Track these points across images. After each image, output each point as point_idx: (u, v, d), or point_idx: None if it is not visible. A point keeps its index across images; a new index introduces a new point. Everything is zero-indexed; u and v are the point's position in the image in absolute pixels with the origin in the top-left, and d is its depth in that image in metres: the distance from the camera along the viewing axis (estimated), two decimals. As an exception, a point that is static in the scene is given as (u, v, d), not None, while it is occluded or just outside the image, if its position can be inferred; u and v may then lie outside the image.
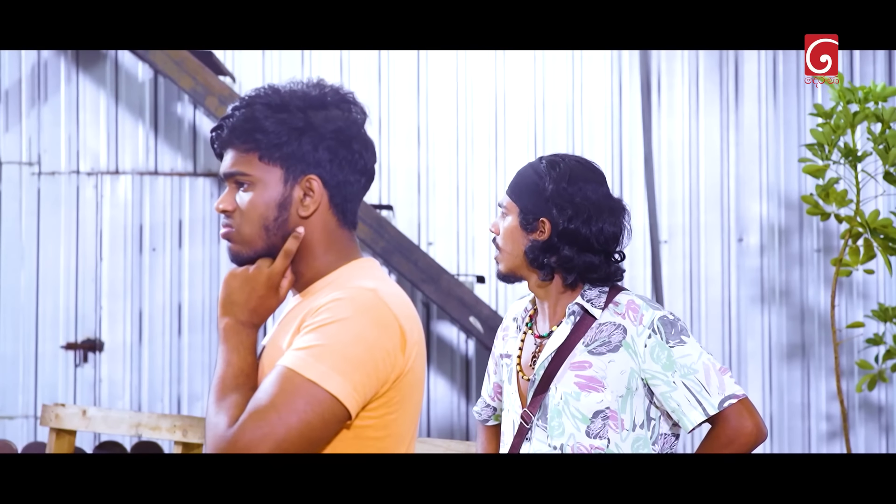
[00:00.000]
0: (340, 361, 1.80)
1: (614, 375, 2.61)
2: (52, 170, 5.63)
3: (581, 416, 2.62)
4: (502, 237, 2.73)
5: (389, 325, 1.86)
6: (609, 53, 5.71)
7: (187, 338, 5.62)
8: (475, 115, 5.70)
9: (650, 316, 2.62)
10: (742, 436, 2.59)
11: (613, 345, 2.63)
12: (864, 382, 5.08)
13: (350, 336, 1.82)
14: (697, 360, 2.60)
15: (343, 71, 5.67)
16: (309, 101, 1.95)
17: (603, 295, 2.68)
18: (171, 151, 5.65)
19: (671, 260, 5.69)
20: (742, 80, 5.73)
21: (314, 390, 1.78)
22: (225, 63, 5.59)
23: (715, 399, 2.59)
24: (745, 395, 2.61)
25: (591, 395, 2.62)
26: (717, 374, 2.61)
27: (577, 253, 2.66)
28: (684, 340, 2.61)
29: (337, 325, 1.82)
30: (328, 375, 1.79)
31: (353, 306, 1.84)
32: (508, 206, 2.73)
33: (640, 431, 2.63)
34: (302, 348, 1.82)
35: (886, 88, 4.63)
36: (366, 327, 1.83)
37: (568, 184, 2.66)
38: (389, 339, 1.85)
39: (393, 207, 5.62)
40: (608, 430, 2.61)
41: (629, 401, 2.62)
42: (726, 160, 5.71)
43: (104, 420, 4.34)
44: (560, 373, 2.65)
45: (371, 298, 1.86)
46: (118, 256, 5.62)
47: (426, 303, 5.59)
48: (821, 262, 5.68)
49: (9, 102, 5.63)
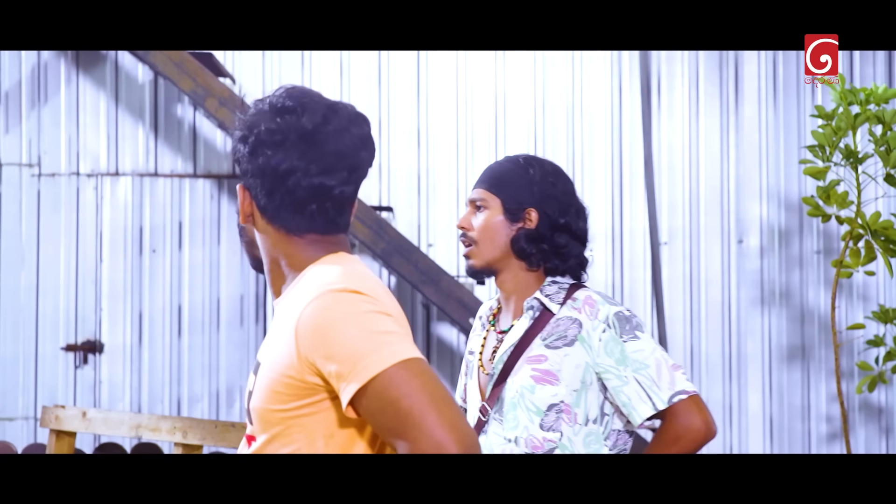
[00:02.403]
0: (369, 344, 1.79)
1: (569, 369, 2.64)
2: (52, 171, 5.63)
3: (535, 409, 2.65)
4: (479, 231, 2.75)
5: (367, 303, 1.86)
6: (609, 55, 5.71)
7: (187, 339, 5.62)
8: (475, 116, 5.70)
9: (606, 311, 2.65)
10: (690, 432, 2.60)
11: (569, 339, 2.66)
12: (864, 384, 5.08)
13: (353, 325, 1.82)
14: (650, 355, 2.62)
15: (343, 72, 5.67)
16: (261, 115, 1.97)
17: (563, 291, 2.72)
18: (171, 153, 5.65)
19: (671, 262, 5.68)
20: (742, 81, 5.73)
21: (402, 370, 1.77)
22: (225, 65, 5.59)
23: (665, 394, 2.61)
24: (696, 392, 2.63)
25: (545, 389, 2.65)
26: (668, 369, 2.63)
27: (570, 240, 2.74)
28: (638, 336, 2.64)
29: (337, 331, 1.82)
30: (383, 358, 1.77)
31: (330, 309, 1.84)
32: (487, 199, 2.76)
33: (593, 426, 2.66)
34: (346, 373, 1.79)
35: (888, 90, 4.63)
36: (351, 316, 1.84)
37: (554, 178, 2.75)
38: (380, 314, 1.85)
39: (393, 209, 5.62)
40: (561, 423, 2.64)
41: (583, 395, 2.65)
42: (726, 162, 5.71)
43: (104, 422, 4.34)
44: (517, 366, 2.69)
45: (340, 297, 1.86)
46: (118, 258, 5.62)
47: (426, 304, 5.58)
48: (821, 264, 5.68)
49: (9, 104, 5.63)
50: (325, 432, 1.86)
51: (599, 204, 5.67)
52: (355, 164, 1.96)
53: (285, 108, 1.95)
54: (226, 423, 4.02)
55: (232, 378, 5.59)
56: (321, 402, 1.85)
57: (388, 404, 1.75)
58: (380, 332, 1.80)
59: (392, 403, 1.75)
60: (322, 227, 1.97)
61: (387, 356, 1.77)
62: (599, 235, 5.65)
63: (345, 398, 1.79)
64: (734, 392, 5.65)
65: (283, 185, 1.94)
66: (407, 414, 1.74)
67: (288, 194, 1.94)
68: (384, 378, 1.76)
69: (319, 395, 1.85)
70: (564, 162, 5.68)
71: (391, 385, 1.75)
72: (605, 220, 5.67)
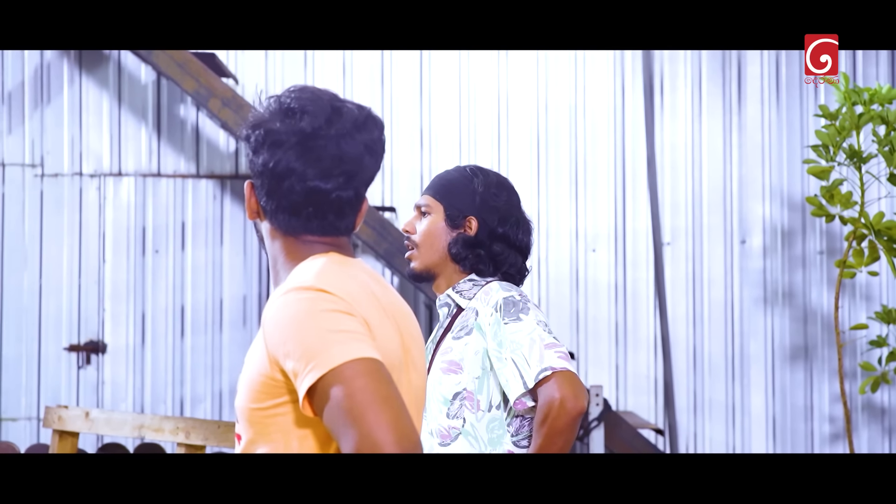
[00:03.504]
0: (321, 343, 1.79)
1: (469, 357, 2.73)
2: (56, 172, 5.63)
3: (443, 399, 2.74)
4: (421, 235, 2.87)
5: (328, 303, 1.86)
6: (612, 55, 5.71)
7: (190, 340, 5.62)
8: (478, 116, 5.70)
9: (496, 297, 2.73)
10: (555, 408, 2.59)
11: (469, 328, 2.76)
12: (867, 384, 5.08)
13: (308, 324, 1.82)
14: (526, 335, 2.67)
15: (346, 72, 5.67)
16: (267, 115, 1.98)
17: (477, 287, 2.81)
18: (174, 153, 5.65)
19: (674, 262, 5.68)
20: (745, 81, 5.72)
21: (348, 369, 1.76)
22: (228, 65, 5.59)
23: (534, 371, 2.64)
24: (567, 368, 2.62)
25: (450, 378, 2.74)
26: (541, 348, 2.65)
27: (506, 249, 2.83)
28: (521, 318, 2.69)
29: (294, 329, 1.83)
30: (333, 356, 1.78)
31: (290, 307, 1.85)
32: (431, 205, 2.87)
33: (496, 412, 2.72)
34: (300, 371, 1.80)
35: (891, 90, 4.63)
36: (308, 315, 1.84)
37: (497, 189, 2.85)
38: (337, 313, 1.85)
39: (396, 209, 5.62)
40: (464, 410, 2.72)
41: (485, 382, 2.72)
42: (729, 161, 5.70)
43: (107, 422, 4.34)
44: (434, 361, 2.79)
45: (303, 296, 1.86)
46: (121, 258, 5.62)
47: (429, 304, 5.59)
48: (824, 264, 5.67)
49: (12, 104, 5.63)
50: (298, 433, 1.87)
51: (602, 204, 5.67)
52: (355, 170, 1.96)
53: (289, 109, 1.96)
54: (229, 424, 4.02)
55: (235, 378, 5.59)
56: (292, 403, 1.86)
57: (334, 402, 1.75)
58: (334, 331, 1.80)
59: (337, 401, 1.75)
60: (318, 229, 1.98)
61: (337, 354, 1.77)
62: (602, 235, 5.65)
63: (300, 395, 1.80)
64: (737, 392, 5.65)
65: (279, 186, 1.95)
66: (349, 411, 1.74)
67: (284, 196, 1.95)
68: (332, 376, 1.76)
69: (289, 395, 1.86)
70: (567, 162, 5.68)
71: (337, 383, 1.76)
72: (608, 220, 5.67)
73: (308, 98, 1.96)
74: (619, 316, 5.67)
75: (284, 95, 1.98)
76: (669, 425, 5.59)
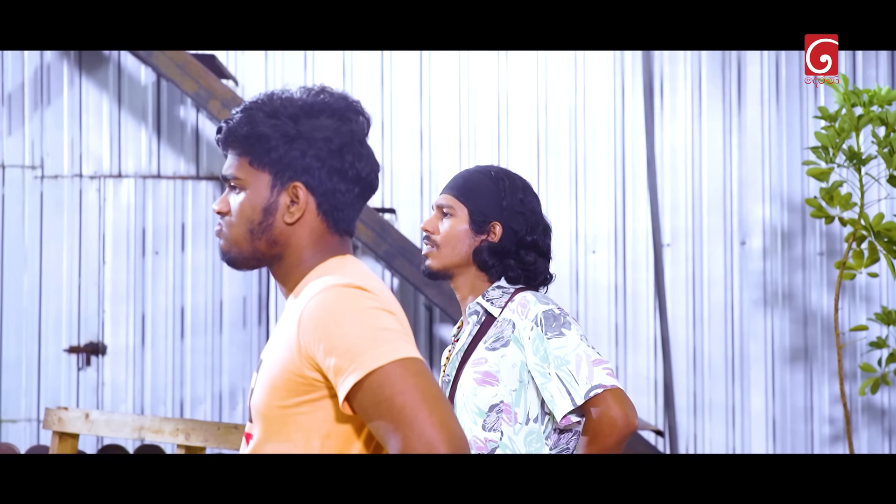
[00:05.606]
0: (368, 340, 1.80)
1: (507, 369, 2.69)
2: (55, 173, 5.63)
3: (478, 411, 2.70)
4: (443, 237, 2.80)
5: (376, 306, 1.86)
6: (612, 55, 5.71)
7: (190, 341, 5.62)
8: (478, 117, 5.70)
9: (535, 310, 2.69)
10: (606, 425, 2.59)
11: (505, 340, 2.71)
12: (867, 386, 5.07)
13: (356, 321, 1.82)
14: (572, 351, 2.64)
15: (345, 73, 5.67)
16: (303, 109, 1.97)
17: (506, 295, 2.77)
18: (174, 155, 5.65)
19: (674, 263, 5.68)
20: (745, 82, 5.72)
21: (398, 368, 1.77)
22: (228, 66, 5.59)
23: (582, 389, 2.62)
24: (616, 385, 2.63)
25: (486, 390, 2.70)
26: (588, 364, 2.64)
27: (537, 258, 2.80)
28: (563, 333, 2.66)
29: (338, 325, 1.82)
30: (381, 354, 1.78)
31: (333, 303, 1.84)
32: (454, 206, 2.81)
33: (534, 425, 2.69)
34: (343, 368, 1.79)
35: (891, 92, 4.63)
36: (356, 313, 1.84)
37: (523, 195, 2.80)
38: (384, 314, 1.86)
39: (395, 211, 5.62)
40: (501, 423, 2.68)
41: (523, 394, 2.69)
42: (729, 163, 5.70)
43: (107, 423, 4.34)
44: (464, 371, 2.74)
45: (350, 292, 1.86)
46: (121, 260, 5.62)
47: (429, 306, 5.58)
48: (824, 266, 5.67)
49: (12, 106, 5.63)
50: (322, 432, 1.86)
51: (602, 205, 5.67)
52: None
53: (345, 108, 1.99)
54: (228, 425, 4.02)
55: (235, 380, 5.59)
56: (319, 401, 1.85)
57: (382, 401, 1.76)
58: (380, 329, 1.80)
59: (386, 400, 1.75)
60: (352, 227, 2.02)
61: (386, 353, 1.78)
62: (602, 236, 5.65)
63: (341, 392, 1.79)
64: (737, 394, 5.64)
65: (355, 186, 1.99)
66: (399, 411, 1.74)
67: (356, 197, 2.00)
68: (381, 374, 1.76)
69: (318, 392, 1.85)
70: (567, 163, 5.68)
71: (387, 382, 1.76)
72: (608, 222, 5.67)
73: (340, 97, 2.00)
74: (619, 317, 5.67)
75: (314, 93, 1.99)
76: (669, 426, 5.59)
